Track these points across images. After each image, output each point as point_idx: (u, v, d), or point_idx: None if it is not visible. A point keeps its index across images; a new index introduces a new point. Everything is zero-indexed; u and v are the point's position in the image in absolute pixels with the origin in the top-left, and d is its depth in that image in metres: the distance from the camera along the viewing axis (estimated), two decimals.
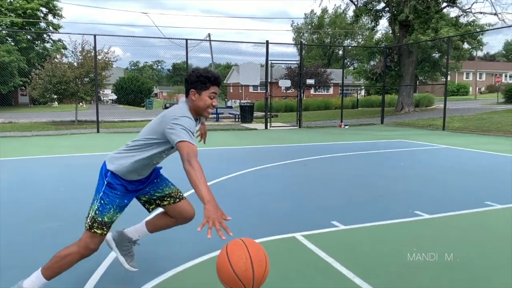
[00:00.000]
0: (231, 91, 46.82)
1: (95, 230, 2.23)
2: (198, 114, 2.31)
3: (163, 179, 2.56)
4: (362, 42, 43.49)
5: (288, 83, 17.40)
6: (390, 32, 22.20)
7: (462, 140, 10.63)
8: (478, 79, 50.99)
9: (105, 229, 2.26)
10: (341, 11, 57.39)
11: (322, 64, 47.02)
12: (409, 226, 3.79)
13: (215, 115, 18.06)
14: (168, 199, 2.50)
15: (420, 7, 18.54)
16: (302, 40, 59.69)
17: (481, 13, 19.53)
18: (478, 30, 18.72)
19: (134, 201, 2.50)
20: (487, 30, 18.84)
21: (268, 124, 14.95)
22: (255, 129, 14.60)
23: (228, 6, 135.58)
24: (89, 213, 2.28)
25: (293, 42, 61.64)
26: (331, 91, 45.70)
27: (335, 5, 67.73)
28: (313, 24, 61.67)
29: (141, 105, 42.06)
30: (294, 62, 19.13)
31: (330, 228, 3.69)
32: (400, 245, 3.30)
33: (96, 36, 12.85)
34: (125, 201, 2.35)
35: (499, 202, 4.48)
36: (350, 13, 24.09)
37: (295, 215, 4.11)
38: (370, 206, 4.43)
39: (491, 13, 19.09)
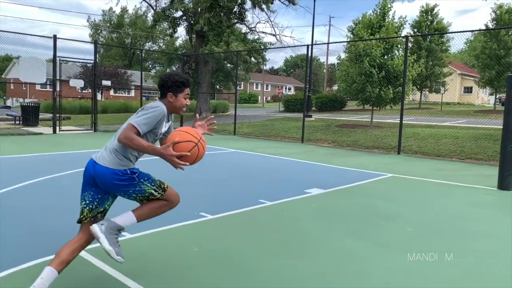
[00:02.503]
0: (12, 87, 40.25)
1: (165, 187, 2.66)
2: (173, 112, 2.72)
3: None
4: (164, 46, 43.89)
5: (81, 82, 16.12)
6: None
7: (248, 144, 11.98)
8: (265, 89, 58.41)
9: (163, 183, 2.68)
10: (142, 13, 56.76)
11: (123, 64, 45.46)
12: (193, 227, 4.05)
13: None
14: None
15: (214, 21, 20.04)
16: (100, 37, 56.24)
17: (263, 32, 22.52)
18: (262, 47, 21.49)
19: None
20: (268, 48, 21.87)
21: (57, 127, 13.49)
22: (41, 133, 12.94)
23: None
24: (150, 192, 2.61)
25: (88, 40, 57.36)
26: (132, 93, 44.54)
27: (135, 5, 66.45)
28: (112, 23, 58.89)
29: None
30: (88, 60, 17.82)
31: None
32: (183, 247, 3.49)
33: None
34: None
35: (270, 200, 5.23)
36: (151, 16, 24.04)
37: (77, 230, 3.84)
38: None
39: (271, 34, 22.21)
